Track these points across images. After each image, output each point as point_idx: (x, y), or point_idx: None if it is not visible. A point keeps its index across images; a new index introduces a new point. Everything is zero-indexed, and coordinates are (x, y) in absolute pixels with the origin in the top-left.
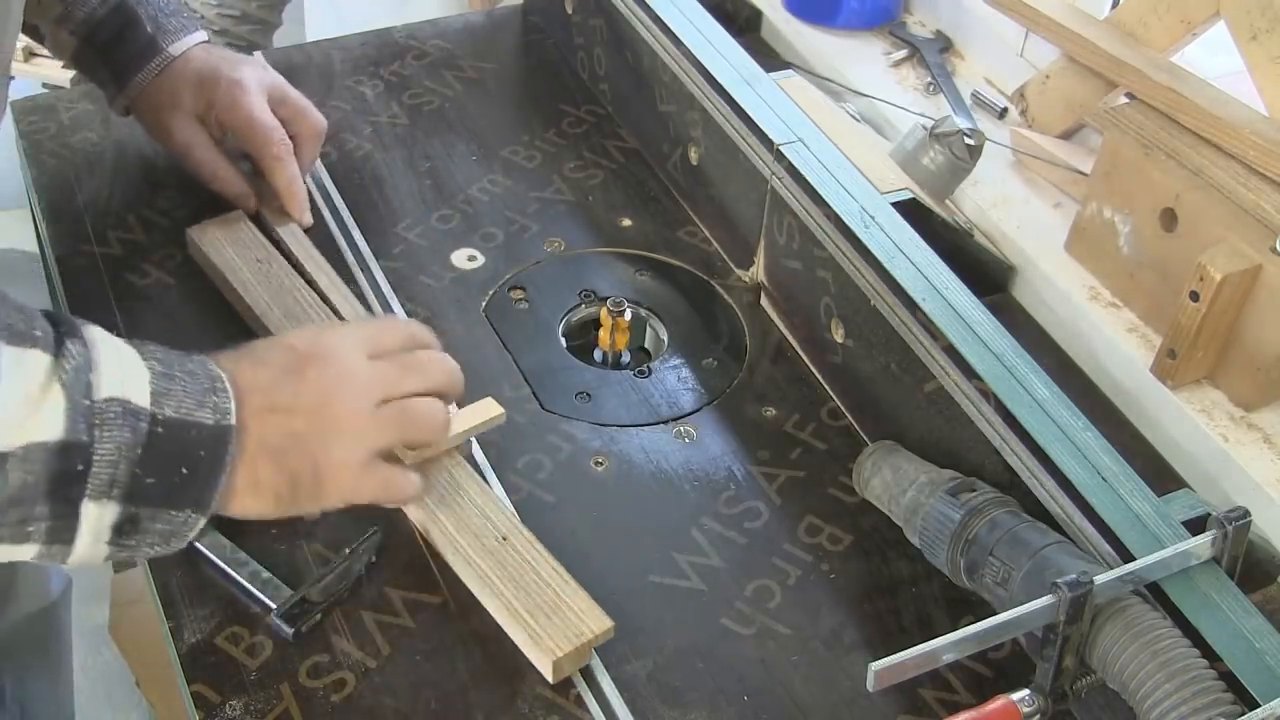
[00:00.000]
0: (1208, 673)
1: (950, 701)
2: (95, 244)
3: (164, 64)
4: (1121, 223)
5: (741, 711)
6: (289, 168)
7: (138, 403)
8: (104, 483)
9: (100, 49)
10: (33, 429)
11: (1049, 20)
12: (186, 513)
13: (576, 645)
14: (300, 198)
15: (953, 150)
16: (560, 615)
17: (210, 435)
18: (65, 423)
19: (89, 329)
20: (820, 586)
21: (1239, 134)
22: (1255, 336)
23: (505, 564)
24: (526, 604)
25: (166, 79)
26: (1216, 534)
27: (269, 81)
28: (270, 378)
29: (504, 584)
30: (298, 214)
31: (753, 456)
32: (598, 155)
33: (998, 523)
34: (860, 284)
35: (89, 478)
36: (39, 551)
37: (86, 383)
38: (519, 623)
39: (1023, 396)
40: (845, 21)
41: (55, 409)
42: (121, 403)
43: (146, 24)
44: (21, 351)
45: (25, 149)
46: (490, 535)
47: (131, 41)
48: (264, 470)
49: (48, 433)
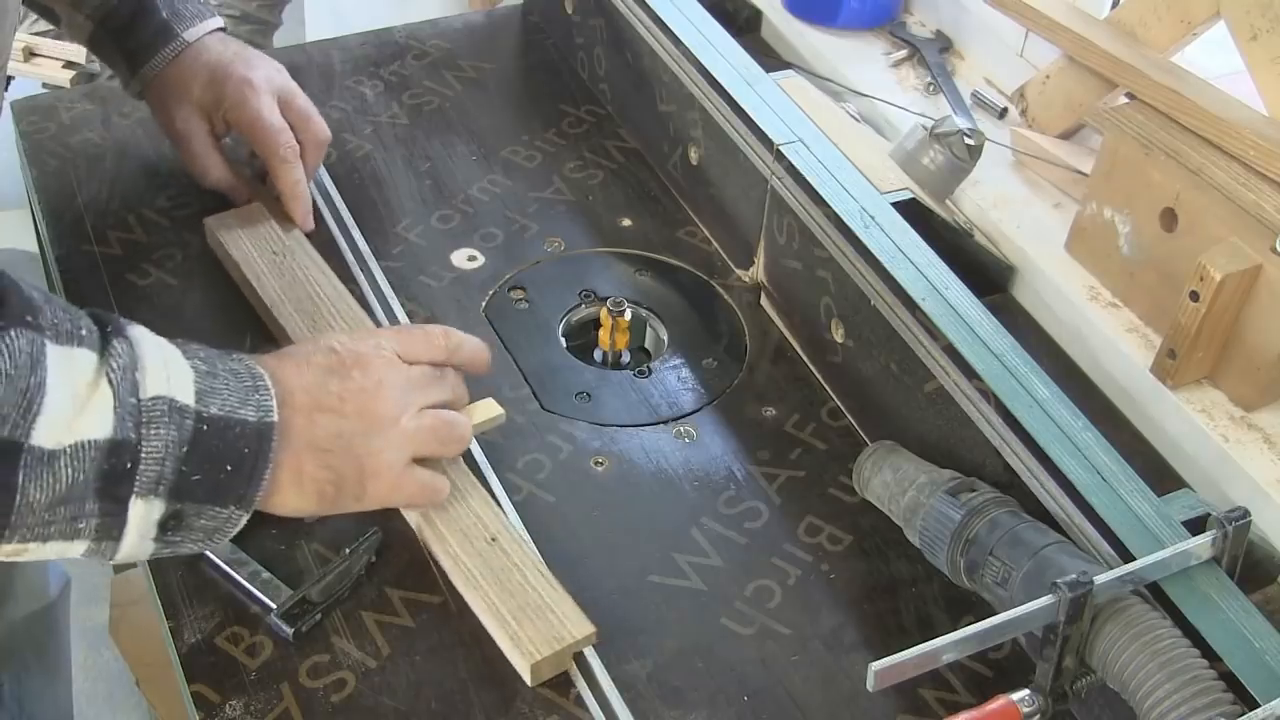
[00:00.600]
0: (1208, 673)
1: (950, 701)
2: (95, 244)
3: (179, 49)
4: (1121, 223)
5: (741, 711)
6: (294, 171)
7: (183, 400)
8: (151, 480)
9: (114, 33)
10: (82, 427)
11: (1049, 20)
12: (230, 509)
13: (556, 649)
14: (304, 202)
15: (953, 150)
16: (543, 618)
17: (254, 432)
18: (114, 421)
19: (133, 328)
20: (820, 586)
21: (1239, 134)
22: (1255, 336)
23: (492, 565)
24: (510, 605)
25: (178, 67)
26: (1216, 534)
27: (279, 83)
28: (315, 378)
29: (489, 585)
30: (300, 218)
31: (753, 456)
32: (598, 155)
33: (998, 523)
34: (860, 284)
35: (137, 475)
36: (88, 548)
37: (133, 381)
38: (501, 624)
39: (1023, 396)
40: (845, 21)
41: (104, 407)
42: (168, 401)
43: (161, 9)
44: (69, 350)
45: (25, 149)
46: (480, 536)
47: (145, 26)
48: (309, 467)
49: (97, 431)
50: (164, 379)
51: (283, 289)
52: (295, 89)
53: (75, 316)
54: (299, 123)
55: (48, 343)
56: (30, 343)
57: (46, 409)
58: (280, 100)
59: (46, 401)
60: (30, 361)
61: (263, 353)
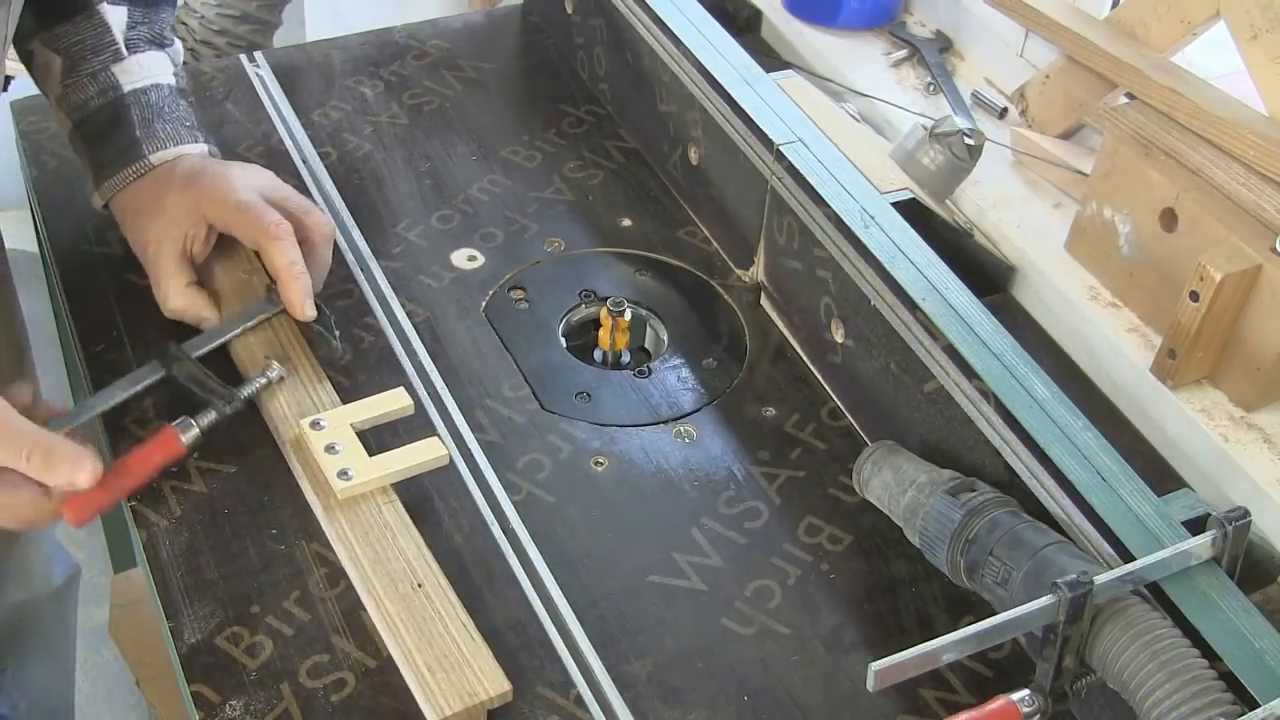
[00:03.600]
0: (1208, 673)
1: (950, 701)
2: (95, 244)
3: (141, 171)
4: (1121, 223)
5: (741, 711)
6: (289, 250)
7: None
8: None
9: (87, 139)
10: None
11: (1049, 20)
12: None
13: (467, 705)
14: (302, 286)
15: (953, 150)
16: (458, 672)
17: None
18: None
19: None
20: (820, 586)
21: (1239, 134)
22: (1255, 336)
23: (414, 611)
24: (426, 656)
25: (146, 184)
26: (1216, 534)
27: (263, 182)
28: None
29: (408, 632)
30: (298, 303)
31: (753, 456)
32: (598, 155)
33: (998, 523)
34: (860, 284)
35: None
36: None
37: None
38: (415, 673)
39: (1023, 396)
40: (845, 21)
41: None
42: None
43: (136, 126)
44: None
45: (25, 149)
46: (406, 581)
47: (114, 140)
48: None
49: None
50: None
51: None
52: (284, 186)
53: None
54: (296, 217)
55: None
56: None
57: None
58: (270, 199)
59: None
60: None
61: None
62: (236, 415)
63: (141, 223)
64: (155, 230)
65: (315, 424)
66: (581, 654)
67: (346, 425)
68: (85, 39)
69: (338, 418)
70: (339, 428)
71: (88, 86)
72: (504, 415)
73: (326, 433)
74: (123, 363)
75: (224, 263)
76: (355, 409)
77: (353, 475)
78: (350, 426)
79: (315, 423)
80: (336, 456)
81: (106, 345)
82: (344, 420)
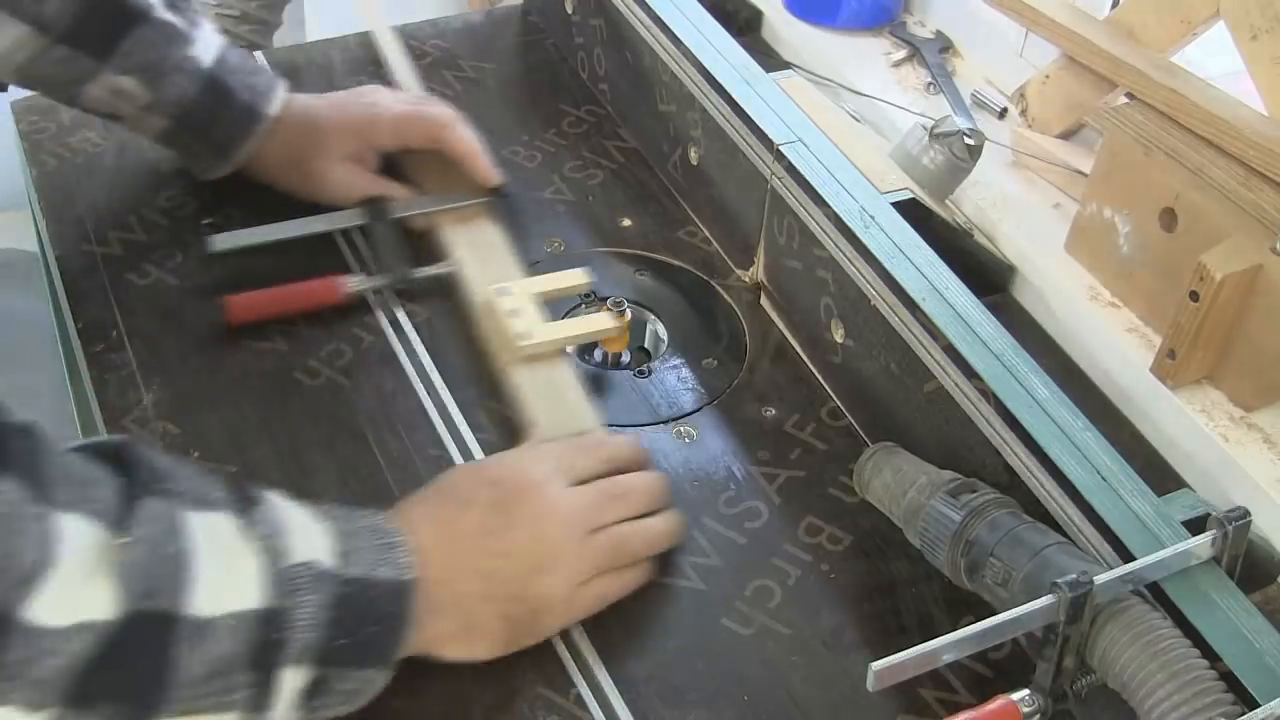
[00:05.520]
0: (1208, 673)
1: (950, 701)
2: (95, 244)
3: (268, 128)
4: (1121, 223)
5: (741, 711)
6: (465, 130)
7: (326, 565)
8: (300, 648)
9: (195, 126)
10: (231, 597)
11: (1049, 20)
12: (373, 670)
13: None
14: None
15: (953, 150)
16: None
17: (392, 591)
18: (262, 590)
19: (267, 493)
20: (820, 586)
21: (1239, 134)
22: (1255, 336)
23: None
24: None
25: (278, 136)
26: (1216, 534)
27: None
28: (480, 521)
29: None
30: (486, 171)
31: (753, 456)
32: (598, 155)
33: (998, 523)
34: (860, 284)
35: (286, 644)
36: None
37: (277, 549)
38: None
39: (1023, 396)
40: (845, 21)
41: (252, 575)
42: (312, 566)
43: (239, 92)
44: (205, 516)
45: (25, 149)
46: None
47: (227, 114)
48: (482, 618)
49: (247, 601)
50: (305, 543)
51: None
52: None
53: (206, 481)
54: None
55: (183, 510)
56: (166, 509)
57: (195, 577)
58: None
59: (194, 568)
60: (170, 528)
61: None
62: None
63: (307, 169)
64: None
65: (502, 291)
66: (581, 654)
67: (529, 294)
68: (154, 40)
69: (522, 287)
70: (522, 296)
71: (179, 81)
72: (504, 415)
73: (510, 299)
74: (123, 363)
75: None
76: (537, 281)
77: (532, 336)
78: (532, 296)
79: (502, 290)
80: (518, 319)
81: (106, 345)
82: (527, 290)
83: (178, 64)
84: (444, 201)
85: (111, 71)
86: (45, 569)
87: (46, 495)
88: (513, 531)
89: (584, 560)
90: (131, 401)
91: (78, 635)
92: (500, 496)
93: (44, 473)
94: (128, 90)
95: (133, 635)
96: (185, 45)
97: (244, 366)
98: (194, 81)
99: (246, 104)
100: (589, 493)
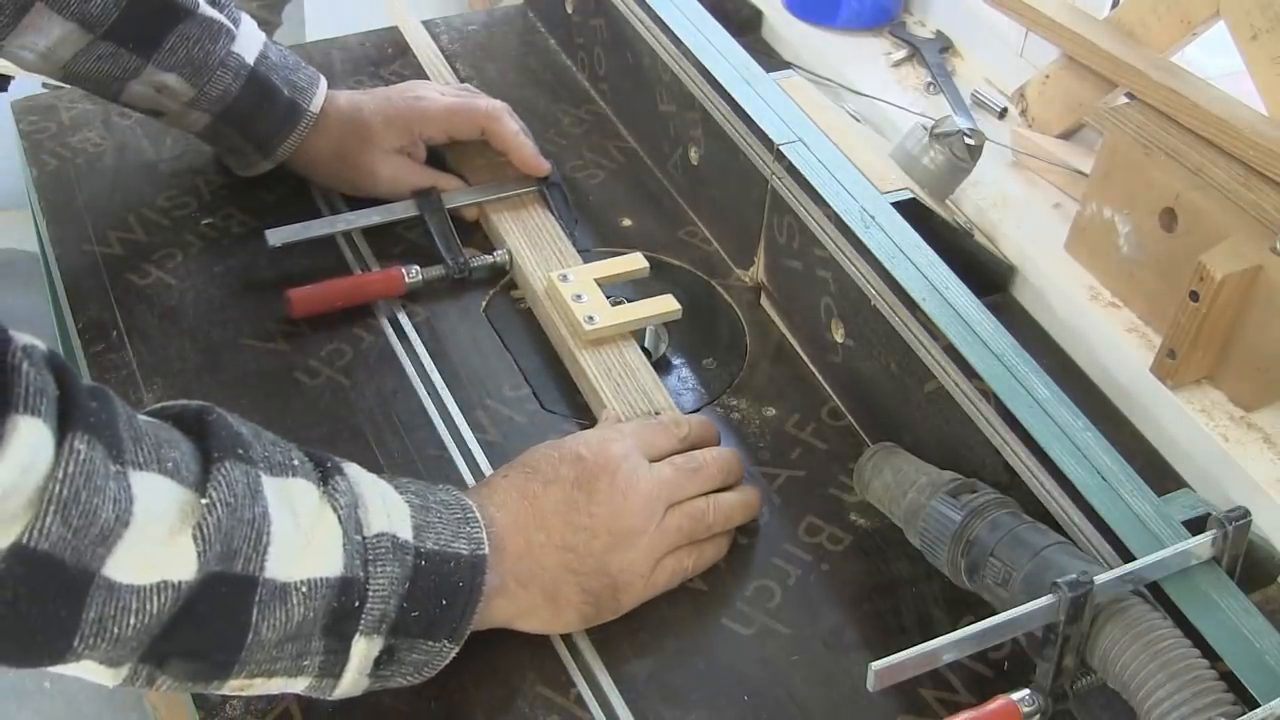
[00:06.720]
0: (1208, 673)
1: (950, 701)
2: (95, 244)
3: (311, 123)
4: (1121, 223)
5: (741, 711)
6: (511, 122)
7: (403, 537)
8: (375, 618)
9: (240, 120)
10: (310, 563)
11: (1049, 20)
12: (442, 643)
13: None
14: (532, 147)
15: (953, 150)
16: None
17: (467, 565)
18: (343, 557)
19: (347, 464)
20: (820, 586)
21: (1239, 134)
22: (1255, 336)
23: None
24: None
25: (320, 130)
26: (1216, 534)
27: (430, 85)
28: (564, 496)
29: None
30: (534, 161)
31: (753, 456)
32: (598, 155)
33: (998, 524)
34: (860, 284)
35: (363, 613)
36: (309, 684)
37: (357, 519)
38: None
39: (1023, 396)
40: (845, 21)
41: (332, 543)
42: (390, 537)
43: (283, 89)
44: (284, 481)
45: (25, 149)
46: (643, 410)
47: (272, 109)
48: (563, 590)
49: (327, 567)
50: (384, 515)
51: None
52: (430, 83)
53: (286, 449)
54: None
55: (262, 474)
56: (245, 474)
57: (275, 541)
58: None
59: (273, 532)
60: (249, 492)
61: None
62: None
63: (355, 163)
64: (373, 157)
65: (563, 277)
66: (581, 654)
67: (590, 279)
68: (197, 37)
69: (582, 273)
70: (584, 281)
71: (223, 76)
72: (504, 415)
73: (573, 285)
74: (123, 363)
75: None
76: (597, 267)
77: (597, 320)
78: (593, 281)
79: (563, 276)
80: (583, 304)
81: (106, 345)
82: (588, 275)
83: (221, 60)
84: (495, 191)
85: (155, 68)
86: (124, 527)
87: (122, 455)
88: (595, 507)
89: (664, 535)
90: (132, 402)
91: (157, 595)
92: (582, 473)
93: (120, 433)
94: (171, 86)
95: (211, 596)
96: (229, 41)
97: (244, 366)
98: (237, 78)
99: (289, 100)
100: (666, 469)
